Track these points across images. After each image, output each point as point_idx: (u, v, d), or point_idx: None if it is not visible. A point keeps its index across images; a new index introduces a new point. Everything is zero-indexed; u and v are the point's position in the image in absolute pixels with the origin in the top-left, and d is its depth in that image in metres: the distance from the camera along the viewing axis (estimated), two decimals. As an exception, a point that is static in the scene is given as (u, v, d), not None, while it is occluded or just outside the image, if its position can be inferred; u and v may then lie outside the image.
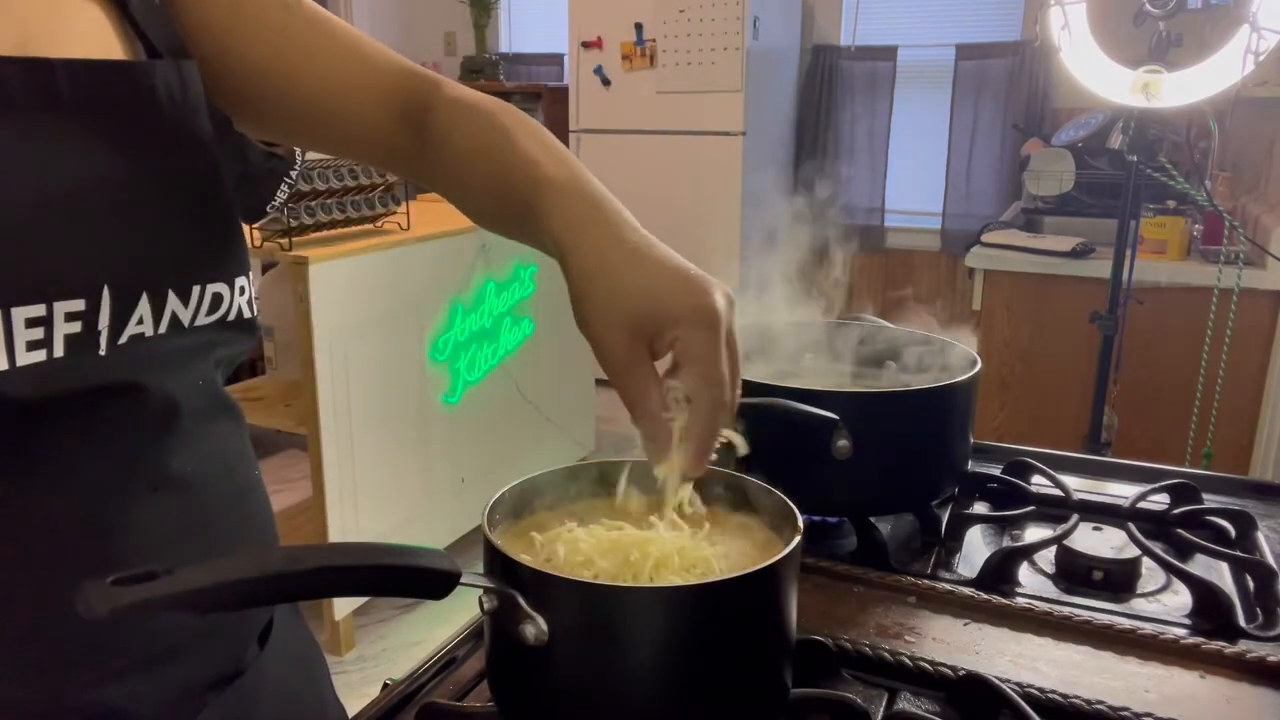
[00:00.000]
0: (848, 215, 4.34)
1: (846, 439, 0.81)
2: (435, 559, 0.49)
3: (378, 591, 0.44)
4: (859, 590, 0.82)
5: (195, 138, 0.62)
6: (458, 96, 0.72)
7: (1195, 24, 2.23)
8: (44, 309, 0.52)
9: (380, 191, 2.54)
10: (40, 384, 0.52)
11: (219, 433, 0.67)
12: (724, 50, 3.97)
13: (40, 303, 0.52)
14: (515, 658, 0.58)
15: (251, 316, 0.66)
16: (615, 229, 0.59)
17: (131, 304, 0.56)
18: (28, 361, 0.51)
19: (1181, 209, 2.90)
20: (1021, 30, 4.16)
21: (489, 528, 0.60)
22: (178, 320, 0.59)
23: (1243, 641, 0.74)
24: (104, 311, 0.55)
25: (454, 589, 0.50)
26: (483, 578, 0.55)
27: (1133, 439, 2.74)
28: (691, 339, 0.56)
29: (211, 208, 0.63)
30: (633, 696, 0.56)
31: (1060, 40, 2.21)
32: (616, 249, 0.58)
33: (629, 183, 4.50)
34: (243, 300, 0.64)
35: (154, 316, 0.58)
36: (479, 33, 5.07)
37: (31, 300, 0.51)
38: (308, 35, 0.70)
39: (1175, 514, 0.92)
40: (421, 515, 2.71)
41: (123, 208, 0.57)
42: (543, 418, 3.20)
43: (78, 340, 0.54)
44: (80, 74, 0.56)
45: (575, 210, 0.60)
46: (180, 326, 0.60)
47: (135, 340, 0.57)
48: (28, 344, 0.51)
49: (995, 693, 0.63)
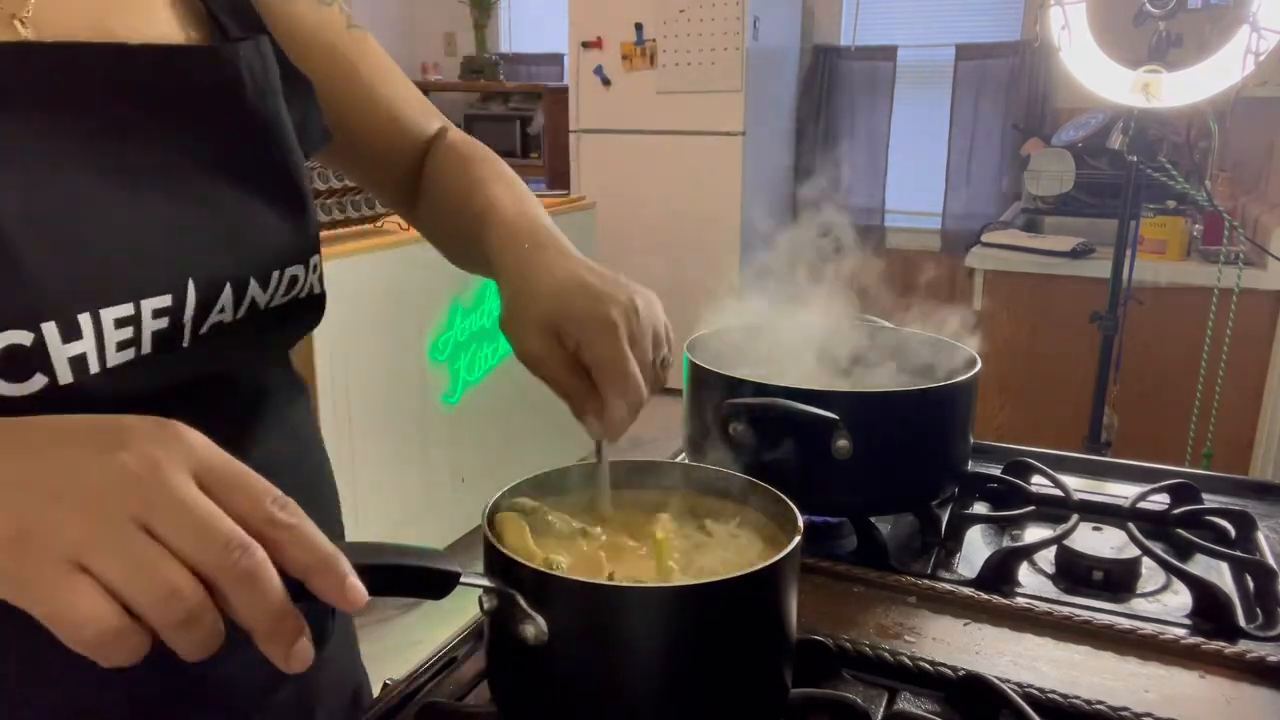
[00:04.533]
0: (848, 215, 4.34)
1: (846, 439, 0.81)
2: (435, 559, 0.49)
3: (377, 591, 0.44)
4: (859, 590, 0.82)
5: (275, 118, 0.62)
6: (450, 144, 0.79)
7: (1195, 24, 2.23)
8: (132, 308, 0.51)
9: (380, 191, 2.54)
10: (125, 383, 0.51)
11: (295, 412, 0.68)
12: (724, 50, 3.97)
13: (128, 302, 0.51)
14: (515, 657, 0.58)
15: (321, 291, 0.67)
16: (545, 254, 0.66)
17: (215, 295, 0.56)
18: (118, 362, 0.51)
19: (1181, 209, 2.90)
20: (1021, 30, 4.16)
21: (489, 528, 0.60)
22: (255, 304, 0.59)
23: (1243, 641, 0.73)
24: (189, 305, 0.54)
25: (453, 589, 0.50)
26: (482, 577, 0.55)
27: (1133, 439, 2.74)
28: (593, 343, 0.62)
29: (290, 189, 0.63)
30: (632, 696, 0.56)
31: (1060, 40, 2.21)
32: (538, 266, 0.65)
33: (629, 183, 4.51)
34: (314, 277, 0.65)
35: (234, 304, 0.58)
36: (479, 33, 5.07)
37: (121, 300, 0.50)
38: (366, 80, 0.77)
39: (1175, 514, 0.92)
40: (421, 515, 2.71)
41: (206, 198, 0.57)
42: (542, 418, 3.19)
43: (163, 336, 0.53)
44: (163, 59, 0.56)
45: (513, 239, 0.67)
46: (257, 309, 0.60)
47: (215, 329, 0.57)
48: (118, 344, 0.50)
49: (995, 693, 0.63)
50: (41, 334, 0.47)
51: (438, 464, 2.76)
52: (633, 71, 4.16)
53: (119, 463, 0.38)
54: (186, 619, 0.37)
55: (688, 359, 0.91)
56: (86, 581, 0.36)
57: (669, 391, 0.76)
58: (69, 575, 0.36)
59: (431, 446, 2.73)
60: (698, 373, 0.90)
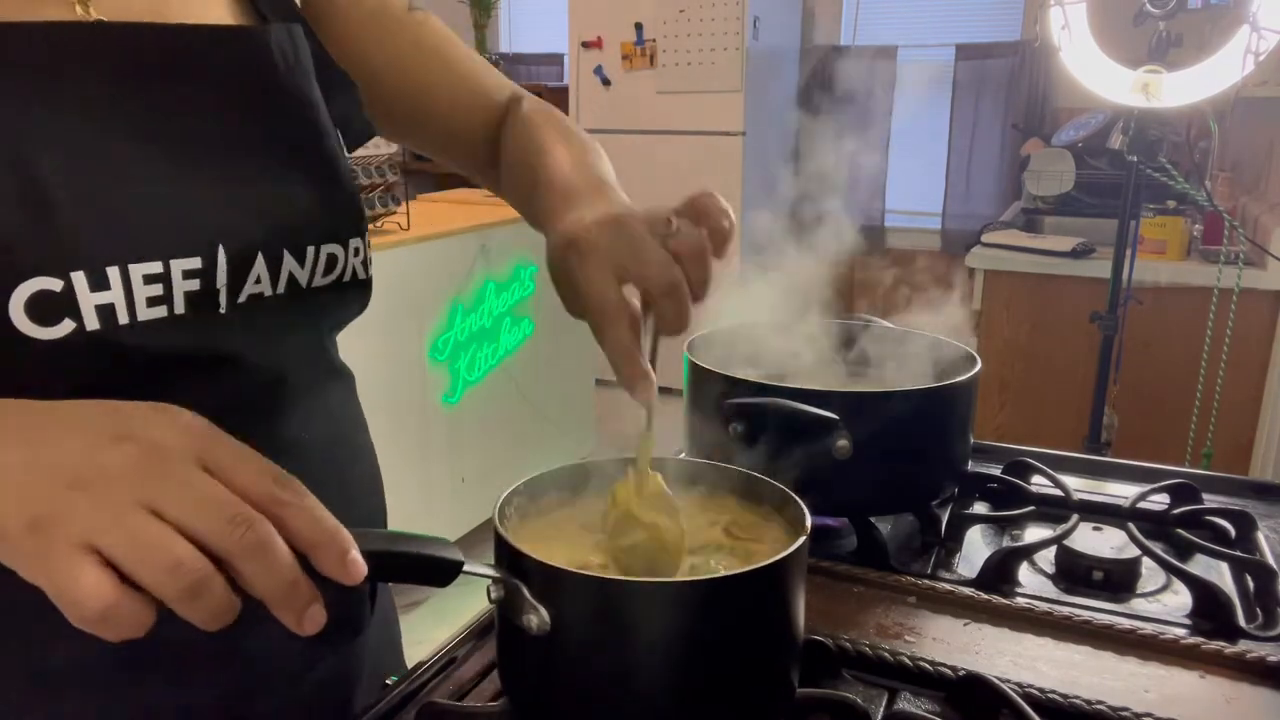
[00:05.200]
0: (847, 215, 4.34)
1: (846, 439, 0.80)
2: (441, 547, 0.50)
3: (382, 577, 0.44)
4: (859, 590, 0.82)
5: (308, 101, 0.65)
6: (527, 112, 0.81)
7: (1195, 24, 2.23)
8: (161, 266, 0.54)
9: (380, 191, 2.53)
10: (162, 336, 0.54)
11: (331, 398, 0.70)
12: (724, 50, 3.97)
13: (156, 260, 0.54)
14: (522, 648, 0.58)
15: (366, 277, 0.69)
16: (598, 201, 0.65)
17: (247, 264, 0.58)
18: (149, 317, 0.54)
19: (1181, 209, 2.90)
20: (1021, 30, 4.16)
21: (499, 520, 0.60)
22: (295, 281, 0.62)
23: (1243, 641, 0.73)
24: (220, 270, 0.57)
25: (457, 577, 0.50)
26: (486, 567, 0.55)
27: (1133, 439, 2.74)
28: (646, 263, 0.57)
29: (324, 171, 0.65)
30: (637, 690, 0.56)
31: (1060, 40, 2.21)
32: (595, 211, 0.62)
33: (629, 183, 4.45)
34: (357, 261, 0.67)
35: (271, 277, 0.60)
36: (479, 33, 5.06)
37: (150, 257, 0.53)
38: (435, 56, 0.80)
39: (1175, 514, 0.92)
40: (421, 515, 2.71)
41: (238, 170, 0.59)
42: (543, 418, 3.20)
43: (198, 297, 0.56)
44: (206, 39, 0.59)
45: (564, 189, 0.67)
46: (298, 287, 0.62)
47: (255, 300, 0.59)
48: (148, 300, 0.53)
49: (995, 693, 0.63)
50: (71, 281, 0.50)
51: (438, 464, 2.76)
52: (633, 71, 4.16)
53: (126, 449, 0.40)
54: (191, 589, 0.39)
55: (687, 359, 0.91)
56: (92, 560, 0.38)
57: (669, 391, 0.76)
58: (79, 556, 0.38)
59: (431, 446, 2.73)
60: (698, 373, 0.90)
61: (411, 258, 2.53)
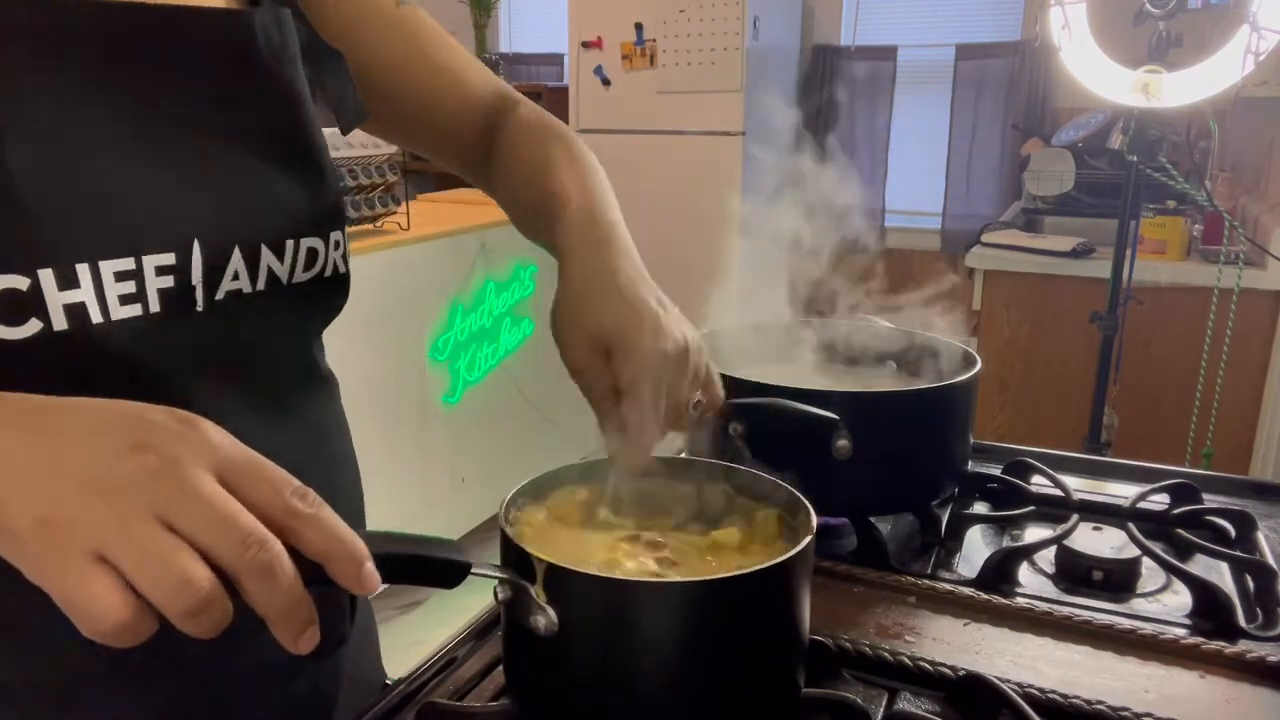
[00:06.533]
0: (847, 215, 4.35)
1: (846, 439, 0.81)
2: (448, 549, 0.50)
3: (391, 579, 0.44)
4: (859, 590, 0.82)
5: (292, 88, 0.62)
6: (527, 118, 0.80)
7: (1195, 24, 2.23)
8: (133, 262, 0.52)
9: (380, 191, 2.53)
10: (140, 338, 0.52)
11: (314, 403, 0.68)
12: (724, 50, 3.97)
13: (128, 255, 0.51)
14: (529, 648, 0.58)
15: (346, 272, 0.67)
16: (610, 255, 0.66)
17: (224, 258, 0.56)
18: (123, 315, 0.51)
19: (1181, 209, 2.90)
20: (1021, 30, 4.15)
21: (504, 521, 0.60)
22: (275, 277, 0.59)
23: (1243, 641, 0.73)
24: (195, 266, 0.54)
25: (464, 579, 0.50)
26: (493, 569, 0.55)
27: (1133, 439, 2.74)
28: (630, 374, 0.62)
29: (305, 161, 0.63)
30: (643, 690, 0.56)
31: (1060, 40, 2.21)
32: (603, 275, 0.65)
33: (629, 183, 4.48)
34: (337, 255, 0.65)
35: (249, 272, 0.58)
36: (479, 33, 5.06)
37: (119, 253, 0.51)
38: (415, 47, 0.78)
39: (1175, 514, 0.92)
40: (421, 515, 2.71)
41: (214, 160, 0.57)
42: (542, 418, 3.20)
43: (173, 295, 0.54)
44: (184, 18, 0.56)
45: (579, 235, 0.67)
46: (279, 284, 0.60)
47: (233, 297, 0.57)
48: (120, 298, 0.51)
49: (995, 693, 0.63)
50: (38, 279, 0.48)
51: (437, 464, 2.76)
52: (633, 71, 4.16)
53: (144, 459, 0.39)
54: (196, 608, 0.38)
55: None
56: (105, 572, 0.37)
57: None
58: (90, 566, 0.37)
59: (431, 446, 2.73)
60: (698, 373, 0.90)
61: (411, 258, 2.54)
